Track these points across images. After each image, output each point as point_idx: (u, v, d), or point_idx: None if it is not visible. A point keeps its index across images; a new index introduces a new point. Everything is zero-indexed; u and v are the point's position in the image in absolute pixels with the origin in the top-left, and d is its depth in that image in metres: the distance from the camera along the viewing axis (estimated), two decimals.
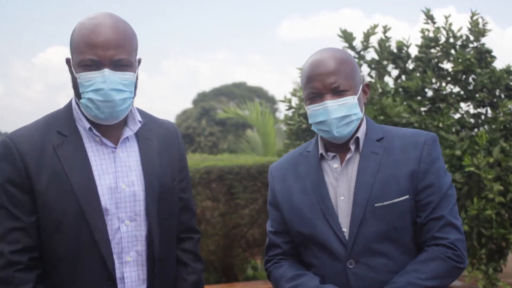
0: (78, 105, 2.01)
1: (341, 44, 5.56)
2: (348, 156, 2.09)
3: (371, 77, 5.64)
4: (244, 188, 6.75)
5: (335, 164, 2.10)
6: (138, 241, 2.01)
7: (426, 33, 5.30)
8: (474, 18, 5.14)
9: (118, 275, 1.97)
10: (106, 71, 1.87)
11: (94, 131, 1.98)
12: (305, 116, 5.68)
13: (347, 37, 5.44)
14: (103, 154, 1.99)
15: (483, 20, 5.15)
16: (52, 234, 1.92)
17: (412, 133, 2.12)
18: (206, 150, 28.12)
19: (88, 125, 1.98)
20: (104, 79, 1.87)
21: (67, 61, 1.99)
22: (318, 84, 2.02)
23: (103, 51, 1.87)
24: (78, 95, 1.95)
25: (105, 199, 1.95)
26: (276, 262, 2.21)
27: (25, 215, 1.91)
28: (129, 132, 2.05)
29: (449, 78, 5.24)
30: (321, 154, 2.13)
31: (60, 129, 1.97)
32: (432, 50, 5.29)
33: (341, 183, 2.08)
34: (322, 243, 2.04)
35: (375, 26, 5.43)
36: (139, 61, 2.06)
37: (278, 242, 2.21)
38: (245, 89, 41.76)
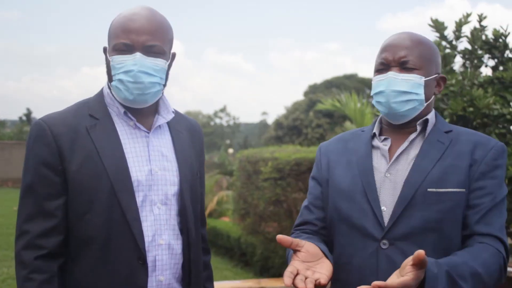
0: (111, 91, 2.06)
1: (432, 34, 5.40)
2: (412, 136, 2.02)
3: (466, 67, 5.43)
4: None
5: (386, 144, 2.05)
6: (170, 224, 2.04)
7: None
8: None
9: (150, 257, 1.99)
10: (138, 55, 1.94)
11: (129, 114, 2.03)
12: None
13: (438, 26, 5.26)
14: (136, 138, 2.04)
15: None
16: (84, 214, 1.95)
17: (483, 135, 2.04)
18: (314, 142, 28.15)
19: (123, 109, 2.03)
20: (135, 62, 1.93)
21: (104, 49, 2.04)
22: (389, 55, 2.01)
23: (136, 36, 1.94)
24: (110, 78, 2.01)
25: (138, 180, 1.98)
26: (297, 235, 2.13)
27: (54, 197, 1.94)
28: (162, 120, 2.10)
29: None
30: (374, 133, 2.10)
31: (92, 112, 2.02)
32: None
33: (395, 162, 2.01)
34: (356, 219, 1.98)
35: (468, 15, 5.22)
36: (174, 55, 2.10)
37: (309, 218, 2.16)
38: (356, 80, 41.29)
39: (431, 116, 2.05)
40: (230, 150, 36.59)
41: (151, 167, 2.02)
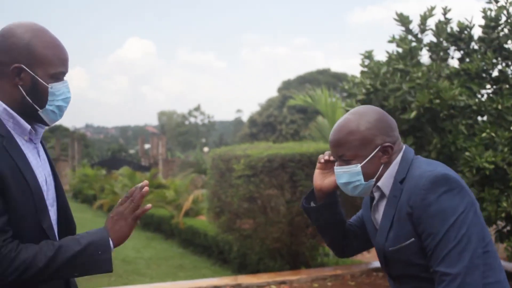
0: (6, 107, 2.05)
1: (398, 28, 5.47)
2: (374, 203, 2.23)
3: (433, 59, 5.51)
4: (306, 176, 6.76)
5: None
6: (55, 225, 2.13)
7: (488, 12, 5.11)
8: None
9: None
10: (67, 81, 2.14)
11: (33, 132, 2.10)
12: (362, 102, 5.64)
13: (403, 20, 5.33)
14: (32, 150, 2.11)
15: None
16: (18, 232, 1.93)
17: (420, 175, 2.06)
18: (288, 138, 28.23)
19: (28, 127, 2.07)
20: (68, 89, 2.15)
21: (18, 68, 2.02)
22: (332, 151, 2.24)
23: (67, 64, 2.14)
24: (42, 103, 2.07)
25: (44, 189, 2.05)
26: None
27: (1, 214, 1.90)
28: (41, 130, 2.18)
29: None
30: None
31: None
32: (496, 31, 5.10)
33: (376, 217, 2.25)
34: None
35: (433, 8, 5.30)
36: None
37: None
38: (329, 75, 41.49)
39: (386, 178, 2.17)
40: (206, 149, 36.45)
41: (45, 175, 2.12)
